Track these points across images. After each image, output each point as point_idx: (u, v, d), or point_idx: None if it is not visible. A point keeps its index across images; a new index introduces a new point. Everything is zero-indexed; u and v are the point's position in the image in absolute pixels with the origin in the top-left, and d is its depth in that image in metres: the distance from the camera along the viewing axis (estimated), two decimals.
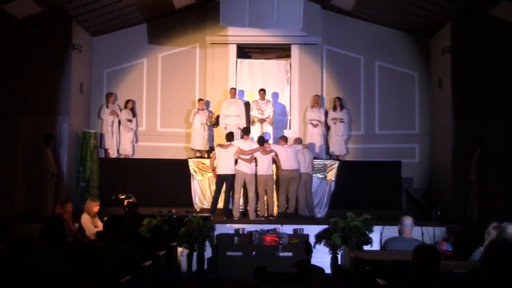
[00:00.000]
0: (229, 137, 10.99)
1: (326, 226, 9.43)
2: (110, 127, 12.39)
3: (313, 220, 10.58)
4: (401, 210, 11.06)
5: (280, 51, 13.54)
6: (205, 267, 9.15)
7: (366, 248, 8.87)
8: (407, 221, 5.94)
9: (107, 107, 12.51)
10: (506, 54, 11.21)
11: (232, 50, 13.08)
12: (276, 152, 10.80)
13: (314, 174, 11.30)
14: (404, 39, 13.05)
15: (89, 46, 12.60)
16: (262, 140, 11.06)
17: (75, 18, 11.52)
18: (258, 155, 10.75)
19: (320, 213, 11.36)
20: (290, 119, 13.13)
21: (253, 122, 12.20)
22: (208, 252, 9.27)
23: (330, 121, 12.49)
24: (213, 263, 9.20)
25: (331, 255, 9.23)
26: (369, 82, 13.13)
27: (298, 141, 11.52)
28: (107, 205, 10.16)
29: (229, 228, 9.68)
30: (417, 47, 13.00)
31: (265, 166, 10.72)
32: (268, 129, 12.20)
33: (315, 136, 12.35)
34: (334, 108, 12.56)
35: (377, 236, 9.12)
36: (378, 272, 4.54)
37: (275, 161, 10.92)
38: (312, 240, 9.43)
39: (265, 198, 10.83)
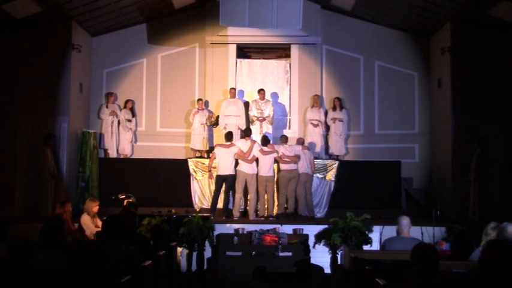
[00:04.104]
0: (229, 136, 10.98)
1: (326, 226, 9.44)
2: (110, 127, 12.39)
3: (312, 220, 10.59)
4: (401, 210, 11.06)
5: (280, 51, 13.54)
6: (205, 267, 9.15)
7: (366, 247, 8.88)
8: (405, 220, 5.95)
9: (107, 107, 12.51)
10: (506, 54, 11.21)
11: (232, 50, 13.07)
12: (277, 152, 10.80)
13: (314, 174, 11.30)
14: (404, 39, 13.05)
15: (89, 46, 12.59)
16: (264, 141, 11.05)
17: (75, 18, 11.52)
18: (259, 155, 10.75)
19: (320, 213, 11.37)
20: (290, 119, 13.13)
21: (253, 121, 12.21)
22: (208, 252, 9.27)
23: (330, 121, 12.49)
24: (213, 263, 9.20)
25: (330, 255, 9.25)
26: (368, 82, 13.13)
27: (300, 141, 11.52)
28: (107, 205, 10.19)
29: (229, 228, 9.68)
30: (417, 47, 13.00)
31: (266, 167, 10.72)
32: (268, 128, 12.21)
33: (315, 136, 12.36)
34: (334, 108, 12.56)
35: (377, 236, 9.14)
36: (378, 272, 4.54)
37: (277, 161, 10.92)
38: (311, 240, 9.44)
39: (265, 198, 10.83)
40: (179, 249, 8.68)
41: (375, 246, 9.06)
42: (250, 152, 10.70)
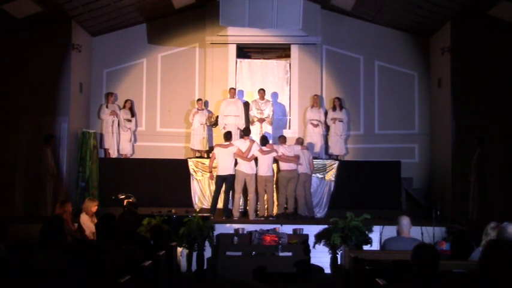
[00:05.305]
0: (228, 136, 10.99)
1: (326, 226, 9.44)
2: (110, 127, 12.39)
3: (312, 220, 10.59)
4: (401, 210, 11.06)
5: (280, 51, 13.54)
6: (205, 267, 9.15)
7: (366, 247, 8.88)
8: (405, 220, 5.94)
9: (107, 107, 12.51)
10: (506, 54, 11.21)
11: (232, 50, 13.07)
12: (276, 152, 10.80)
13: (314, 174, 11.30)
14: (404, 39, 13.05)
15: (89, 46, 12.60)
16: (264, 140, 11.05)
17: (75, 18, 11.52)
18: (258, 155, 10.75)
19: (320, 213, 11.37)
20: (290, 119, 13.13)
21: (253, 121, 12.21)
22: (208, 252, 9.27)
23: (330, 121, 12.49)
24: (213, 263, 9.20)
25: (330, 255, 9.25)
26: (368, 82, 13.13)
27: (299, 141, 11.52)
28: (107, 205, 10.19)
29: (229, 228, 9.68)
30: (417, 47, 13.00)
31: (265, 166, 10.71)
32: (268, 129, 12.20)
33: (315, 136, 12.36)
34: (334, 108, 12.56)
35: (377, 236, 9.13)
36: (378, 272, 4.54)
37: (276, 161, 10.92)
38: (311, 240, 9.44)
39: (265, 198, 10.83)
40: (179, 249, 8.68)
41: (375, 246, 9.05)
42: (249, 151, 10.69)
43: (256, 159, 10.82)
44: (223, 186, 10.79)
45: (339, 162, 11.81)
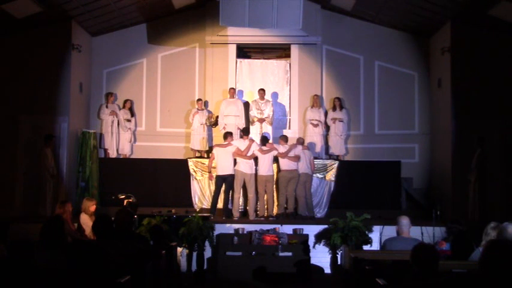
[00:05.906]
0: (226, 136, 10.99)
1: (326, 226, 9.44)
2: (110, 127, 12.39)
3: (312, 220, 10.58)
4: (401, 210, 11.06)
5: (280, 51, 13.54)
6: (205, 267, 9.15)
7: (366, 247, 8.88)
8: (404, 220, 5.95)
9: (107, 107, 12.51)
10: (506, 54, 11.20)
11: (232, 50, 13.07)
12: (277, 150, 10.80)
13: (314, 174, 11.30)
14: (404, 39, 13.04)
15: (89, 46, 12.60)
16: (264, 140, 11.05)
17: (75, 18, 11.53)
18: (258, 154, 10.75)
19: (320, 213, 11.37)
20: (290, 119, 13.13)
21: (253, 121, 12.20)
22: (208, 252, 9.27)
23: (330, 121, 12.50)
24: (213, 263, 9.20)
25: (330, 255, 9.25)
26: (368, 82, 13.12)
27: (300, 141, 11.51)
28: (107, 205, 10.19)
29: (228, 228, 9.68)
30: (417, 47, 13.00)
31: (265, 166, 10.72)
32: (268, 129, 12.20)
33: (315, 136, 12.35)
34: (334, 108, 12.57)
35: (377, 236, 9.14)
36: (378, 272, 4.54)
37: (277, 161, 10.91)
38: (311, 240, 9.44)
39: (265, 198, 10.83)
40: (179, 249, 8.68)
41: (375, 246, 9.06)
42: (249, 149, 10.70)
43: (256, 159, 10.82)
44: (223, 186, 10.79)
45: (339, 162, 11.81)
